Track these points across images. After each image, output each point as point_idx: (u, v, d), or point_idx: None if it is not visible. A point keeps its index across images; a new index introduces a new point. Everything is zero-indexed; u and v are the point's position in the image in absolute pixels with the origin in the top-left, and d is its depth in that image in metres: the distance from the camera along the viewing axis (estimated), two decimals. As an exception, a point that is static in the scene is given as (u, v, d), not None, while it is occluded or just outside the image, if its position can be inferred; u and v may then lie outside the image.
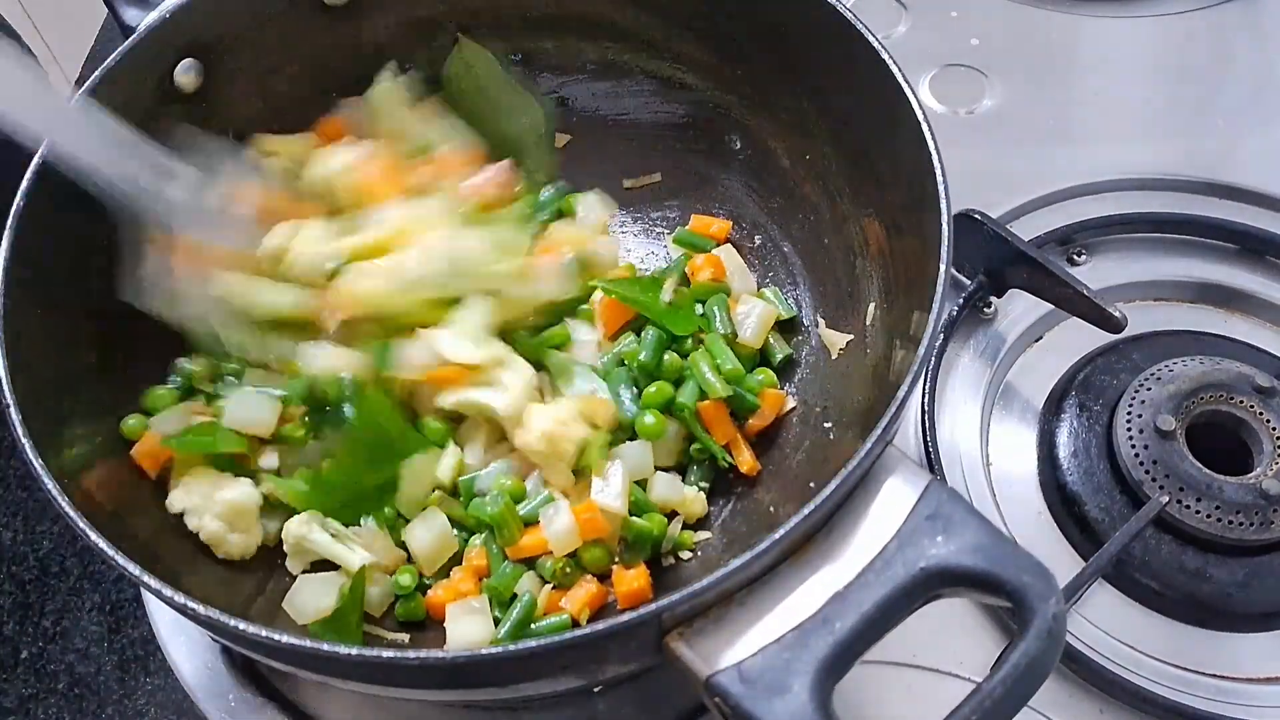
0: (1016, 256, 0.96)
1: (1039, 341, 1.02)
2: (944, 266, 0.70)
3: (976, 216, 0.97)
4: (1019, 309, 1.01)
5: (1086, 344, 1.00)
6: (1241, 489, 0.87)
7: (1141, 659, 0.84)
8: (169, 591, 0.64)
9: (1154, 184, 1.08)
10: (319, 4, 0.95)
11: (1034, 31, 1.23)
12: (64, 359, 0.79)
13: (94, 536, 0.66)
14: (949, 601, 0.63)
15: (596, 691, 0.82)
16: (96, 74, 0.81)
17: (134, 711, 0.93)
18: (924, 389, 0.94)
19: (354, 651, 0.61)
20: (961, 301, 0.98)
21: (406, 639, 0.79)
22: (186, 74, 0.88)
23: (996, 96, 1.18)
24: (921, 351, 0.67)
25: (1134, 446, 0.90)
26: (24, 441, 0.69)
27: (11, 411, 0.70)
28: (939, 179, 0.73)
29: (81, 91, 0.80)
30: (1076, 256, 1.04)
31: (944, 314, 0.69)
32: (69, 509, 0.67)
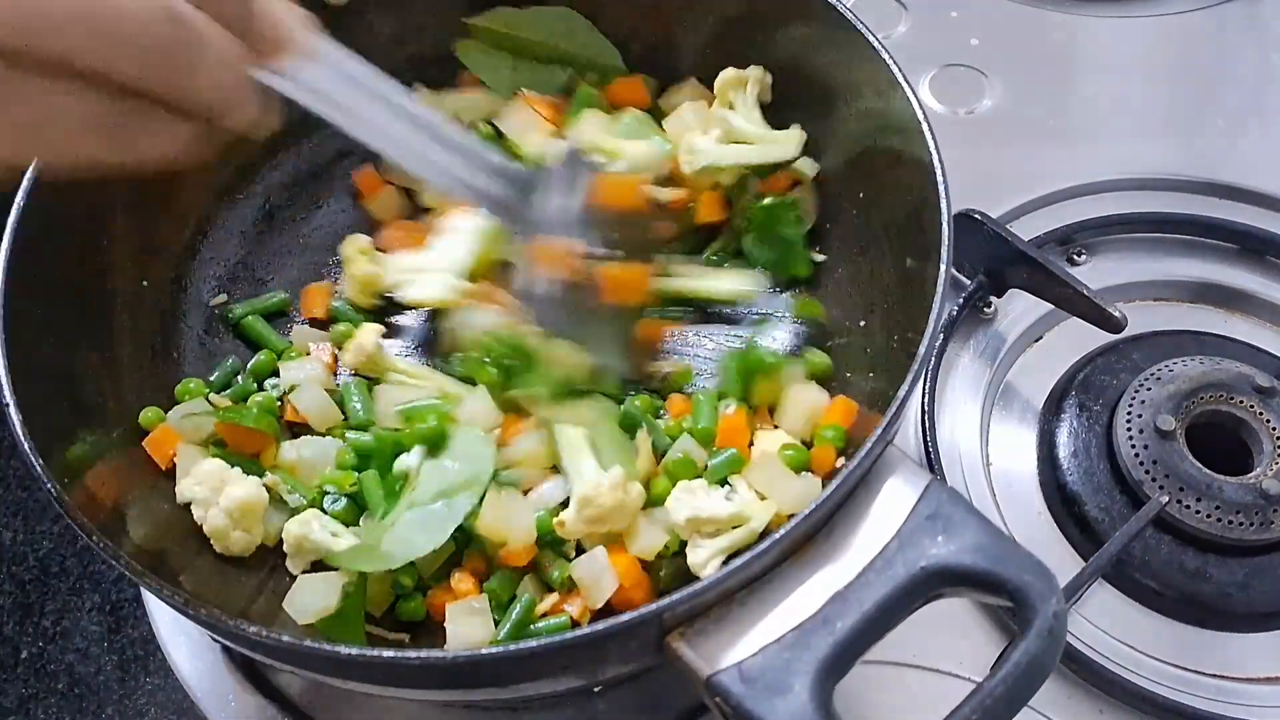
0: (1016, 256, 0.96)
1: (1039, 341, 1.02)
2: (944, 266, 0.71)
3: (976, 216, 0.97)
4: (1019, 309, 1.01)
5: (1086, 344, 1.00)
6: (1241, 489, 0.87)
7: (1141, 659, 0.84)
8: (169, 591, 0.64)
9: (1154, 184, 1.08)
10: (320, 3, 0.95)
11: (1034, 31, 1.23)
12: (64, 358, 0.79)
13: (94, 537, 0.66)
14: (949, 601, 0.63)
15: (596, 691, 0.82)
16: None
17: (134, 711, 0.93)
18: (924, 389, 0.94)
19: (354, 651, 0.61)
20: (961, 301, 0.98)
21: (407, 639, 0.79)
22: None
23: (996, 96, 1.18)
24: (921, 351, 0.67)
25: (1134, 446, 0.90)
26: (24, 441, 0.69)
27: (11, 411, 0.70)
28: (939, 179, 0.73)
29: None
30: (1076, 256, 1.04)
31: (944, 314, 0.69)
32: (69, 509, 0.67)
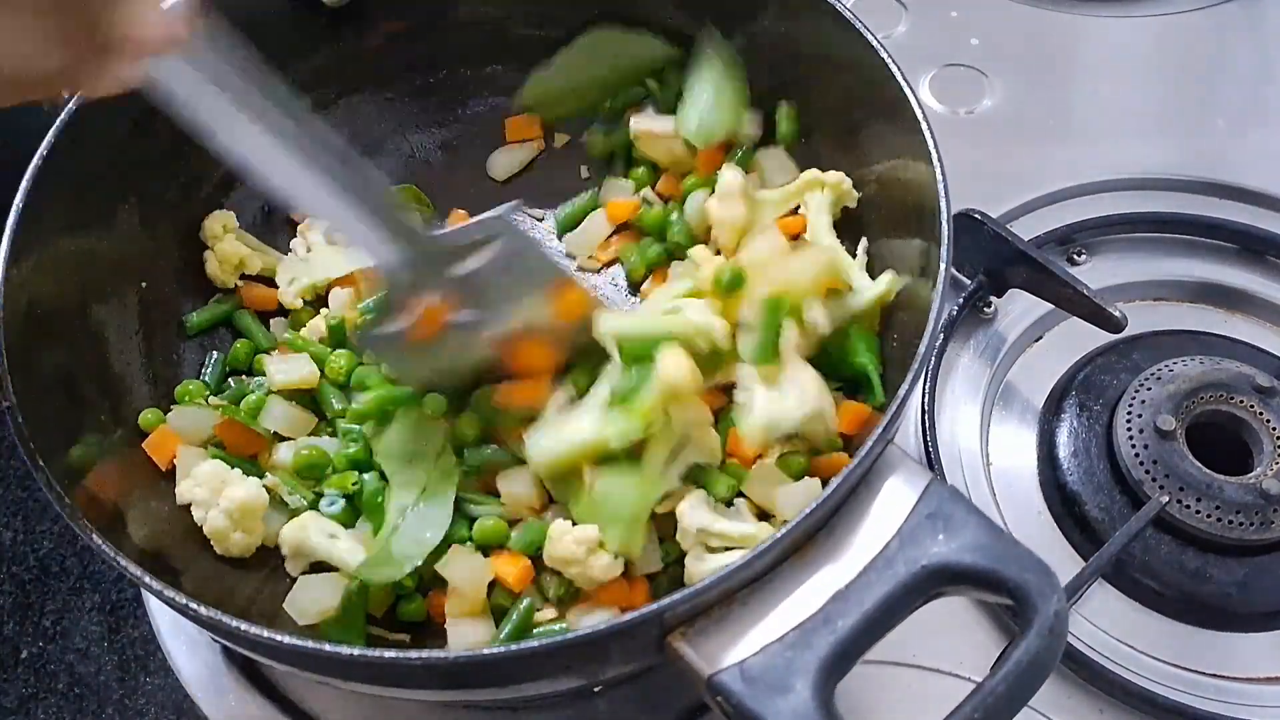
0: (1016, 256, 0.96)
1: (1039, 341, 1.02)
2: (944, 266, 0.71)
3: (976, 216, 0.97)
4: (1019, 309, 1.01)
5: (1086, 344, 1.00)
6: (1241, 489, 0.87)
7: (1141, 659, 0.84)
8: (170, 592, 0.64)
9: (1154, 184, 1.08)
10: (317, 4, 0.95)
11: (1034, 31, 1.23)
12: (65, 360, 0.79)
13: (94, 537, 0.66)
14: (949, 601, 0.63)
15: (597, 691, 0.82)
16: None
17: (134, 711, 0.93)
18: (924, 389, 0.94)
19: (355, 651, 0.61)
20: (961, 301, 0.98)
21: (407, 639, 0.79)
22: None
23: (996, 96, 1.18)
24: (921, 352, 0.67)
25: (1134, 446, 0.90)
26: (24, 443, 0.69)
27: (12, 411, 0.70)
28: (939, 179, 0.73)
29: (74, 100, 0.80)
30: (1076, 256, 1.04)
31: (944, 314, 0.69)
32: (69, 509, 0.67)
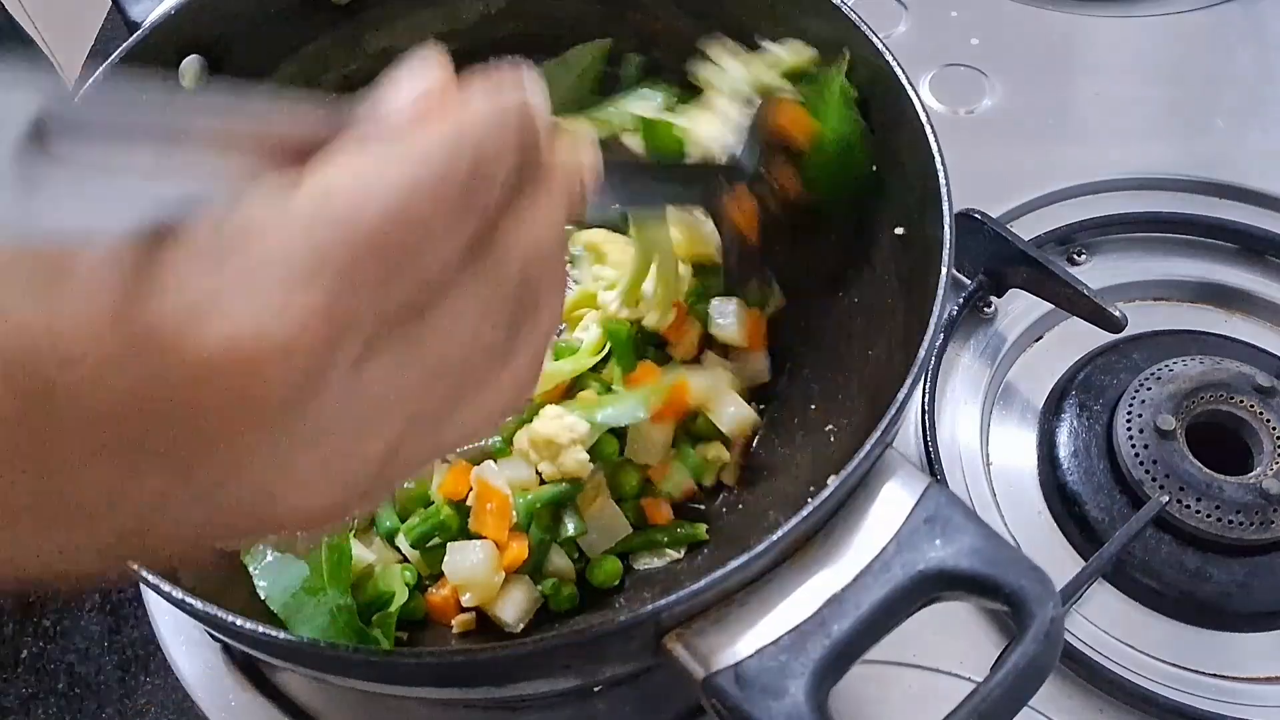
0: (1016, 256, 0.95)
1: (1039, 341, 1.02)
2: (945, 266, 0.70)
3: (976, 216, 0.97)
4: (1019, 309, 1.01)
5: (1086, 344, 1.00)
6: (1241, 489, 0.87)
7: (1141, 659, 0.84)
8: (167, 587, 0.64)
9: (1154, 184, 1.08)
10: (326, 2, 0.95)
11: (1034, 31, 1.23)
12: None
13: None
14: (949, 601, 0.63)
15: (596, 691, 0.82)
16: (99, 72, 0.81)
17: (134, 711, 0.93)
18: (924, 389, 0.94)
19: (353, 649, 0.61)
20: (961, 301, 0.98)
21: (405, 637, 0.79)
22: (191, 71, 0.88)
23: (996, 96, 1.18)
24: (921, 352, 0.67)
25: (1134, 446, 0.90)
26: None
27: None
28: (941, 178, 0.73)
29: (82, 92, 0.80)
30: (1076, 256, 1.04)
31: (944, 314, 0.69)
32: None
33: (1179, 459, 0.89)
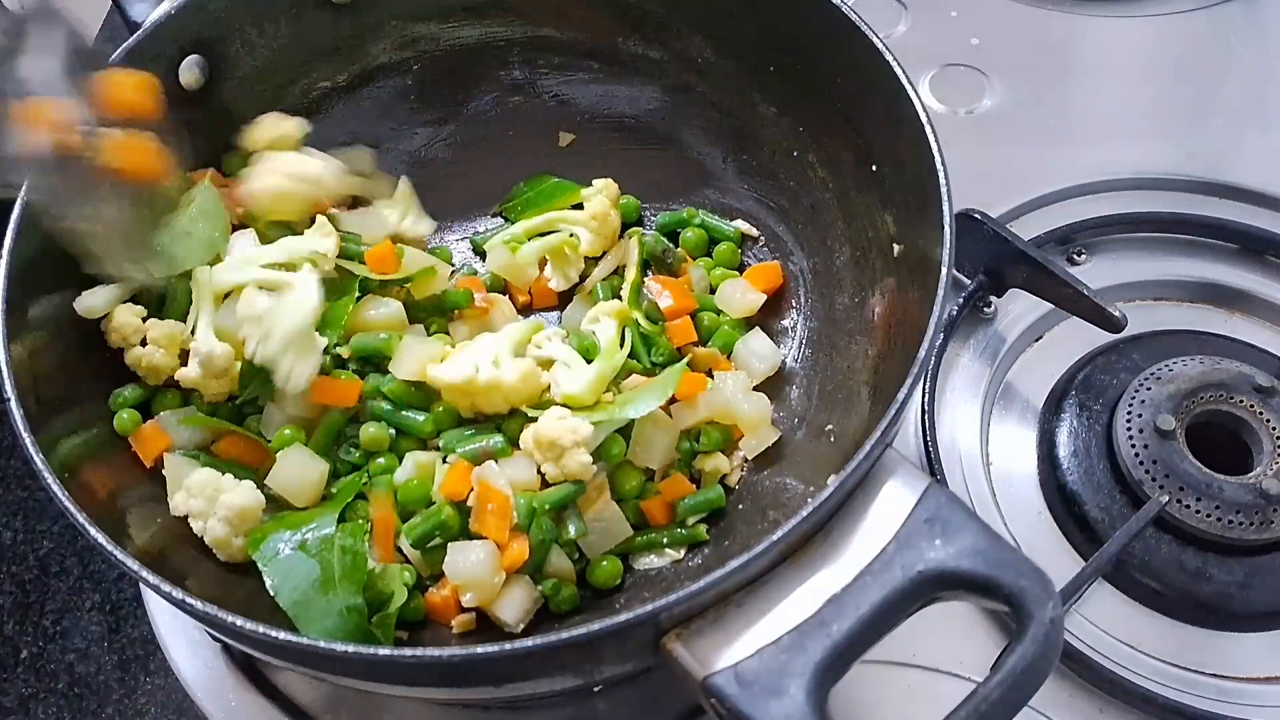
0: (1016, 256, 0.95)
1: (1039, 341, 1.02)
2: (945, 266, 0.70)
3: (976, 216, 0.97)
4: (1019, 309, 1.01)
5: (1086, 344, 1.00)
6: (1241, 489, 0.87)
7: (1141, 659, 0.84)
8: (167, 587, 0.64)
9: (1154, 184, 1.08)
10: (324, 1, 0.95)
11: (1034, 31, 1.23)
12: (66, 355, 0.79)
13: (93, 532, 0.66)
14: (949, 601, 0.63)
15: (596, 691, 0.82)
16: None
17: (134, 711, 0.93)
18: (924, 389, 0.94)
19: (351, 649, 0.61)
20: (961, 301, 0.98)
21: (405, 636, 0.79)
22: (190, 71, 0.88)
23: (996, 96, 1.18)
24: (921, 352, 0.67)
25: (1134, 446, 0.90)
26: (25, 437, 0.69)
27: (12, 406, 0.70)
28: (941, 178, 0.73)
29: None
30: (1076, 256, 1.04)
31: (944, 314, 0.69)
32: (69, 504, 0.67)
33: (1179, 459, 0.88)
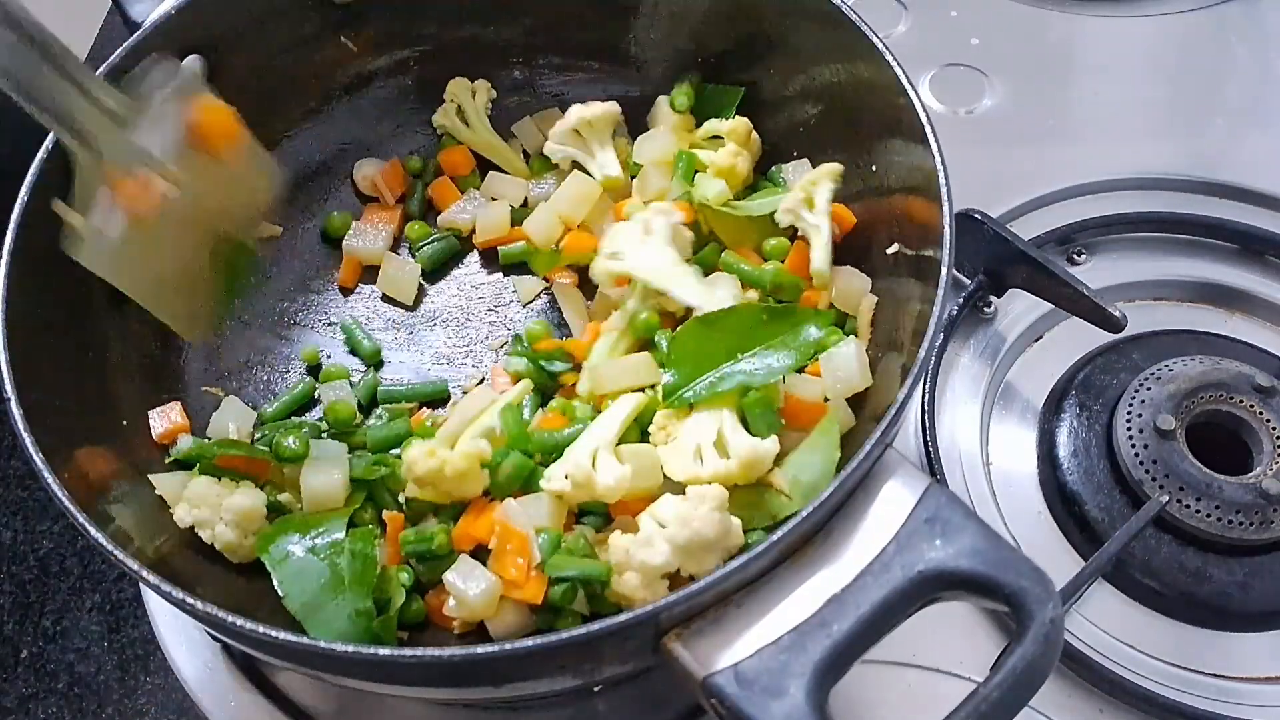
0: (1016, 256, 0.95)
1: (1039, 341, 1.02)
2: (946, 266, 0.70)
3: (976, 216, 0.97)
4: (1019, 309, 1.01)
5: (1086, 344, 1.00)
6: (1241, 489, 0.87)
7: (1141, 659, 0.84)
8: (167, 587, 0.64)
9: (1154, 184, 1.08)
10: (326, 2, 0.95)
11: (1034, 31, 1.23)
12: (67, 357, 0.79)
13: (93, 532, 0.66)
14: (949, 601, 0.63)
15: (597, 691, 0.82)
16: (101, 70, 0.81)
17: (134, 711, 0.93)
18: (924, 389, 0.94)
19: (351, 649, 0.61)
20: (961, 301, 0.98)
21: (405, 636, 0.79)
22: (191, 70, 0.88)
23: (996, 96, 1.18)
24: (922, 352, 0.67)
25: (1134, 446, 0.90)
26: (25, 437, 0.69)
27: (12, 406, 0.70)
28: (941, 178, 0.73)
29: None
30: (1076, 256, 1.04)
31: (944, 313, 0.69)
32: (69, 504, 0.67)
33: (1179, 459, 0.88)
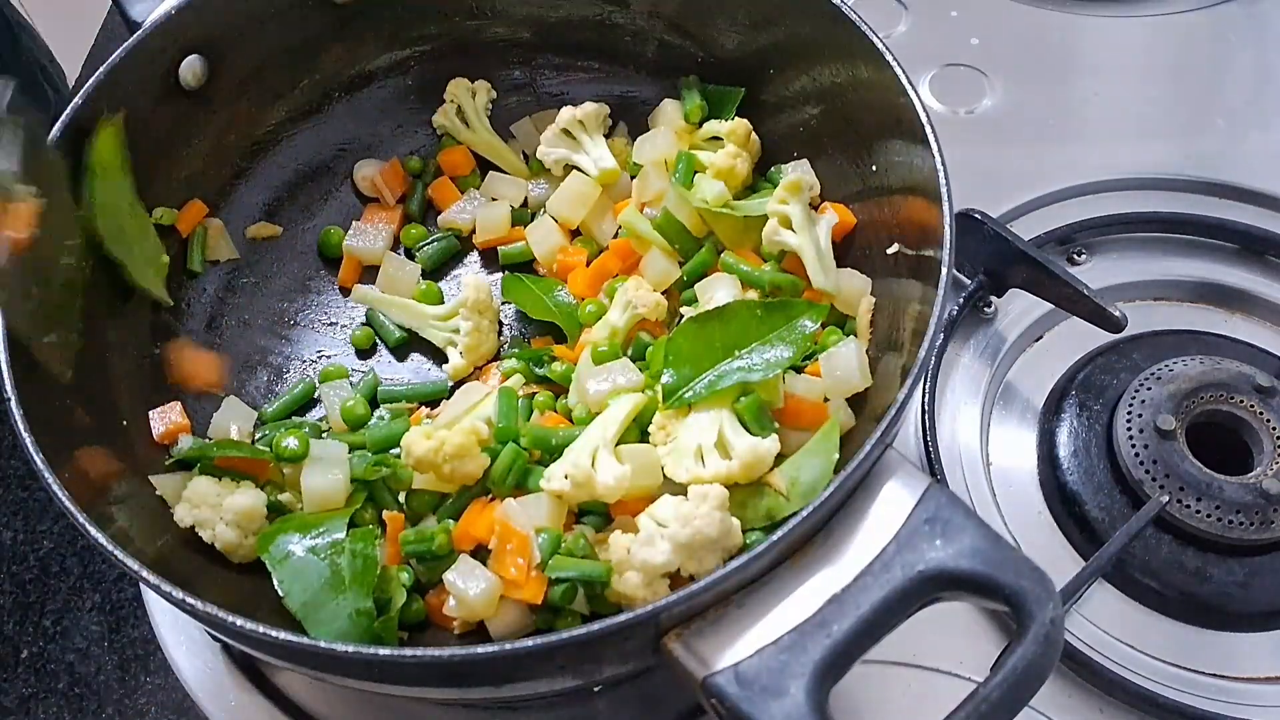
0: (1016, 256, 0.95)
1: (1039, 341, 1.02)
2: (946, 266, 0.70)
3: (977, 216, 0.97)
4: (1019, 309, 1.01)
5: (1086, 344, 1.00)
6: (1241, 489, 0.87)
7: (1141, 659, 0.84)
8: (167, 587, 0.64)
9: (1154, 184, 1.08)
10: (326, 2, 0.95)
11: (1034, 31, 1.23)
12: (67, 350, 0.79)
13: (93, 532, 0.66)
14: (949, 602, 0.63)
15: (597, 691, 0.82)
16: (101, 70, 0.81)
17: (134, 711, 0.93)
18: (924, 389, 0.94)
19: (351, 649, 0.61)
20: (961, 301, 0.98)
21: (406, 638, 0.79)
22: (190, 71, 0.88)
23: (996, 96, 1.18)
24: (922, 352, 0.67)
25: (1134, 446, 0.90)
26: (25, 437, 0.69)
27: (12, 406, 0.70)
28: (941, 178, 0.73)
29: (85, 88, 0.80)
30: (1076, 256, 1.04)
31: (944, 313, 0.69)
32: (69, 504, 0.67)
33: (1179, 459, 0.88)
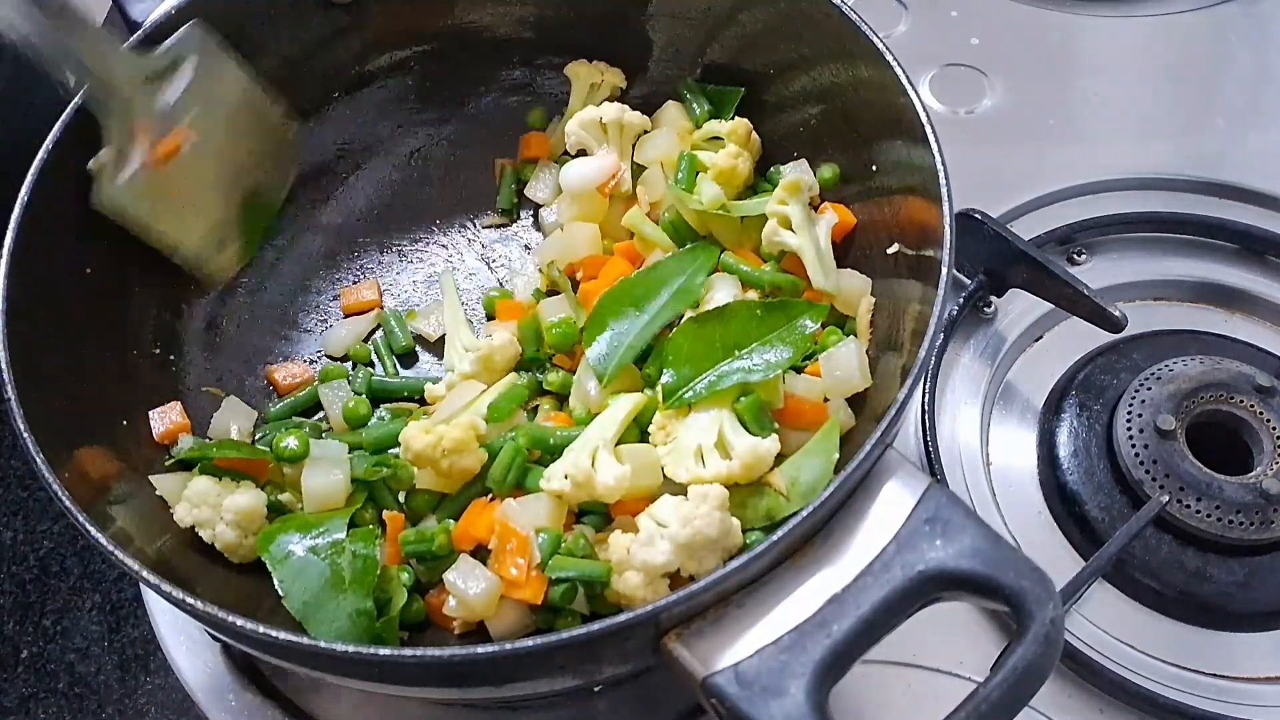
0: (1017, 256, 0.95)
1: (1039, 341, 1.02)
2: (946, 266, 0.70)
3: (977, 216, 0.97)
4: (1019, 308, 1.01)
5: (1086, 344, 1.00)
6: (1241, 489, 0.87)
7: (1141, 659, 0.84)
8: (167, 587, 0.64)
9: (1154, 184, 1.08)
10: (325, 1, 0.95)
11: (1034, 31, 1.23)
12: (67, 357, 0.79)
13: (93, 532, 0.66)
14: (949, 602, 0.63)
15: (597, 691, 0.82)
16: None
17: (134, 711, 0.93)
18: (924, 389, 0.94)
19: (351, 649, 0.61)
20: (961, 301, 0.98)
21: (406, 638, 0.79)
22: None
23: (996, 96, 1.18)
24: (922, 352, 0.67)
25: (1134, 446, 0.90)
26: (25, 437, 0.69)
27: (12, 406, 0.70)
28: (941, 178, 0.73)
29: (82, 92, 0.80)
30: (1076, 256, 1.04)
31: (944, 313, 0.69)
32: (69, 504, 0.67)
33: (1179, 459, 0.88)
